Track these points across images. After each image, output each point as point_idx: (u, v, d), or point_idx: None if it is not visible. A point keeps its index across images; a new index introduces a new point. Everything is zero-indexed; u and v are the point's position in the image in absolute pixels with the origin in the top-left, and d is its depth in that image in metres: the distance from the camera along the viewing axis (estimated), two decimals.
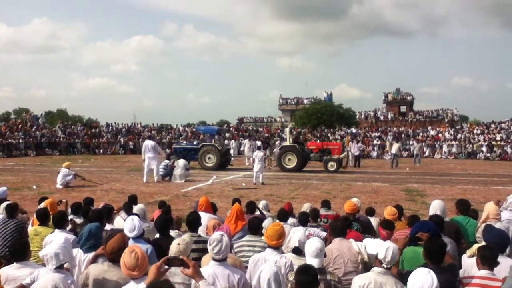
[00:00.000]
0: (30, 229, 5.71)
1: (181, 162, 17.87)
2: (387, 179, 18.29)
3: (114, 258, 3.60)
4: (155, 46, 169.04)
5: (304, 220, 6.08)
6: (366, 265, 4.33)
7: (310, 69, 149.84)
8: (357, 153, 25.81)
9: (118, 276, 3.53)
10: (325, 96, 61.23)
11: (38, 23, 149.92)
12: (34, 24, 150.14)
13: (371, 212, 7.43)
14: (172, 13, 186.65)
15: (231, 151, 34.20)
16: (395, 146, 25.81)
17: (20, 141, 37.09)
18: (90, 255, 4.15)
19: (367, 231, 6.09)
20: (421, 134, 40.68)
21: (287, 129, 24.12)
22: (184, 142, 26.87)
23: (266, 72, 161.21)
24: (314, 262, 3.62)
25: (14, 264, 3.88)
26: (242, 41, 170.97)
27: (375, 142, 38.42)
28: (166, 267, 2.94)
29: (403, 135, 39.98)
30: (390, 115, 52.60)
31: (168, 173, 17.58)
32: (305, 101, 63.68)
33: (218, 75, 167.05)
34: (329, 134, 41.70)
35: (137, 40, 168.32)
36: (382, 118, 52.43)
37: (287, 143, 22.33)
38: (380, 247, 3.82)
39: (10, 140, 36.51)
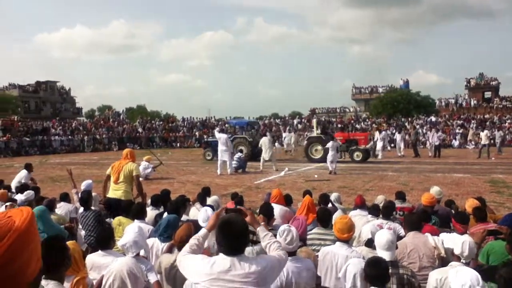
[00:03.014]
0: (114, 220, 6.07)
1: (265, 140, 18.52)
2: (469, 170, 17.23)
3: (182, 246, 3.75)
4: (226, 41, 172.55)
5: (387, 213, 5.81)
6: (444, 260, 4.12)
7: (384, 56, 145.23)
8: (437, 143, 24.56)
9: None
10: (401, 84, 59.11)
11: (116, 24, 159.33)
12: (112, 25, 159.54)
13: (450, 204, 7.04)
14: (241, 7, 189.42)
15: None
16: (483, 135, 23.99)
17: (104, 136, 39.73)
18: (166, 244, 4.34)
19: (446, 224, 5.75)
20: (508, 121, 37.80)
21: (314, 120, 24.13)
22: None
23: (338, 61, 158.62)
24: (386, 255, 3.52)
25: (99, 251, 4.15)
26: (313, 30, 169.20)
27: (457, 130, 36.33)
28: (225, 214, 3.05)
29: (488, 123, 37.36)
30: (473, 102, 49.25)
31: (241, 165, 17.92)
32: (380, 90, 61.86)
33: (289, 66, 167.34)
34: (406, 123, 40.10)
35: (209, 36, 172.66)
36: (464, 105, 49.28)
37: (314, 134, 22.69)
38: (456, 242, 3.63)
39: (95, 136, 39.27)
